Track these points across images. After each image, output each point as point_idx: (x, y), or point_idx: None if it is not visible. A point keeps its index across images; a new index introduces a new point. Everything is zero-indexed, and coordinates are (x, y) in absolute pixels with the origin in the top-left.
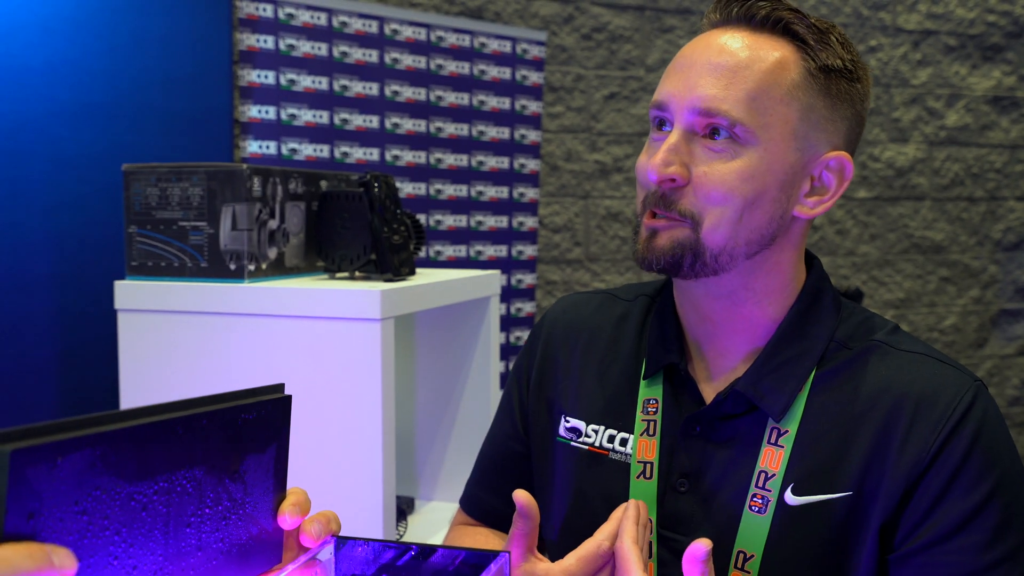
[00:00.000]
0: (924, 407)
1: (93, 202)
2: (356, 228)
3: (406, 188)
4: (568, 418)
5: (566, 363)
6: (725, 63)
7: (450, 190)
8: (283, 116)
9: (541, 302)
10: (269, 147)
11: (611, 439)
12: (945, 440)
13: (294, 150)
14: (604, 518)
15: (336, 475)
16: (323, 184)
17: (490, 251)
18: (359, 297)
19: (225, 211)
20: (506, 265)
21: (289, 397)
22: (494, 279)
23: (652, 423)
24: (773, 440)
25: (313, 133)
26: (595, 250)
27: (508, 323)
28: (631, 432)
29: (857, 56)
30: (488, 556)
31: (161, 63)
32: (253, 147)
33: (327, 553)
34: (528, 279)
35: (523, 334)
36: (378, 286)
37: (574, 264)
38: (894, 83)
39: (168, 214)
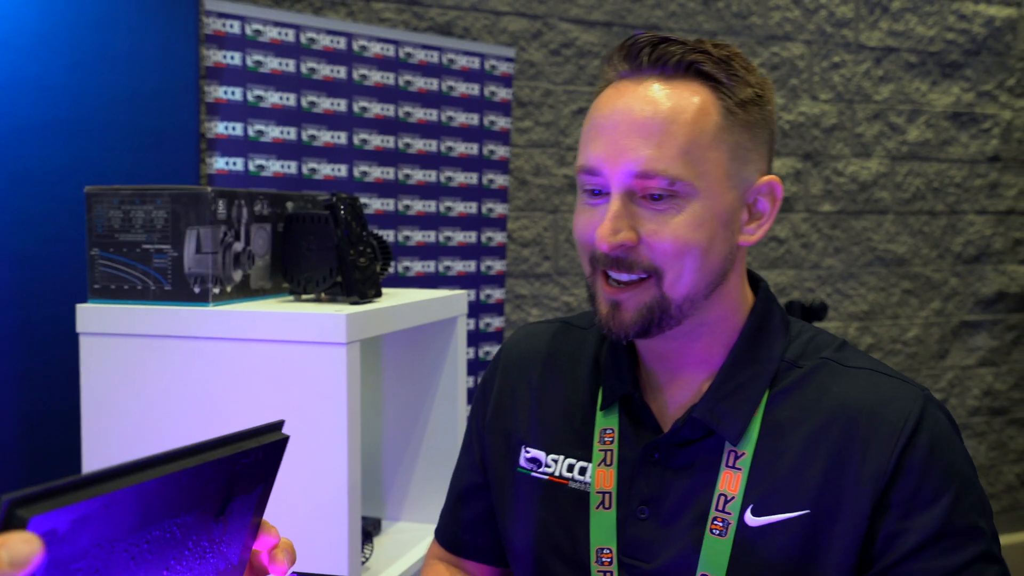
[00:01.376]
0: (877, 422)
1: (56, 220)
2: (322, 250)
3: (375, 204)
4: (528, 448)
5: (524, 394)
6: (651, 120)
7: (419, 206)
8: (250, 132)
9: (510, 316)
10: (236, 164)
11: (570, 468)
12: (903, 452)
13: (261, 166)
14: (566, 548)
15: (301, 499)
16: (289, 206)
17: (459, 266)
18: (325, 321)
19: (189, 234)
20: (475, 280)
21: (286, 438)
22: (460, 299)
23: (609, 453)
24: (731, 463)
25: (281, 149)
26: (564, 264)
27: (477, 338)
28: (590, 461)
29: (759, 75)
30: None
31: (126, 79)
32: (220, 163)
33: None
34: (497, 294)
35: (492, 349)
36: (344, 309)
37: (543, 278)
38: (857, 99)
39: (131, 237)
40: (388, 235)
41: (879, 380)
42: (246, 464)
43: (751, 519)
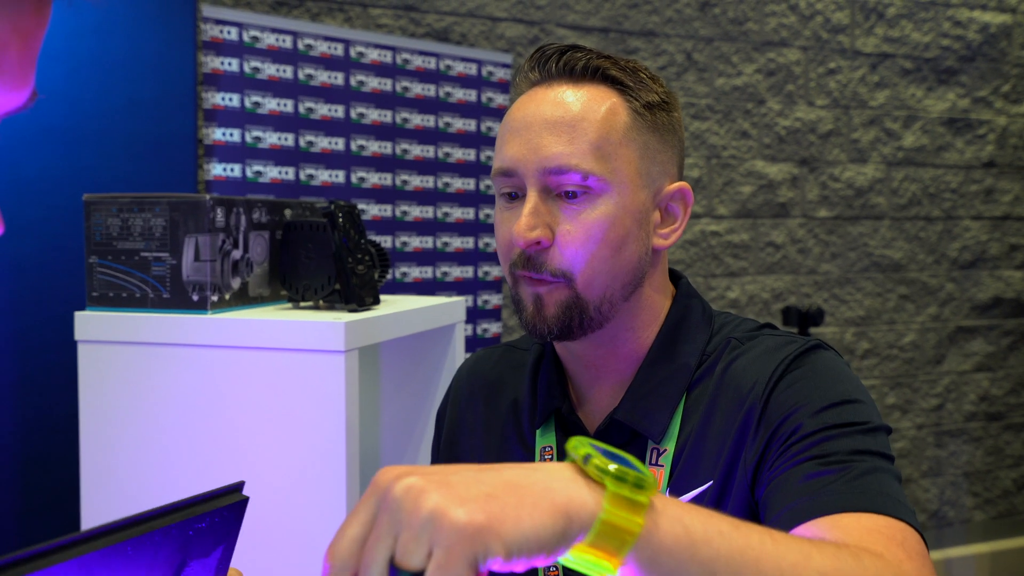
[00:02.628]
0: (765, 364)
1: (54, 227)
2: (320, 258)
3: (372, 210)
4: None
5: (472, 420)
6: (562, 119)
7: (416, 211)
8: (248, 139)
9: (507, 321)
10: (234, 170)
11: None
12: (783, 372)
13: (259, 173)
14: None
15: (300, 506)
16: (287, 213)
17: (456, 272)
18: (323, 329)
19: (188, 242)
20: (472, 286)
21: (246, 500)
22: (459, 306)
23: None
24: (654, 460)
25: (278, 156)
26: None
27: (475, 343)
28: None
29: (666, 87)
30: None
31: (124, 86)
32: (217, 170)
33: None
34: (495, 299)
35: None
36: (342, 317)
37: None
38: (853, 105)
39: (130, 245)
40: (386, 241)
41: (767, 341)
42: (200, 528)
43: None
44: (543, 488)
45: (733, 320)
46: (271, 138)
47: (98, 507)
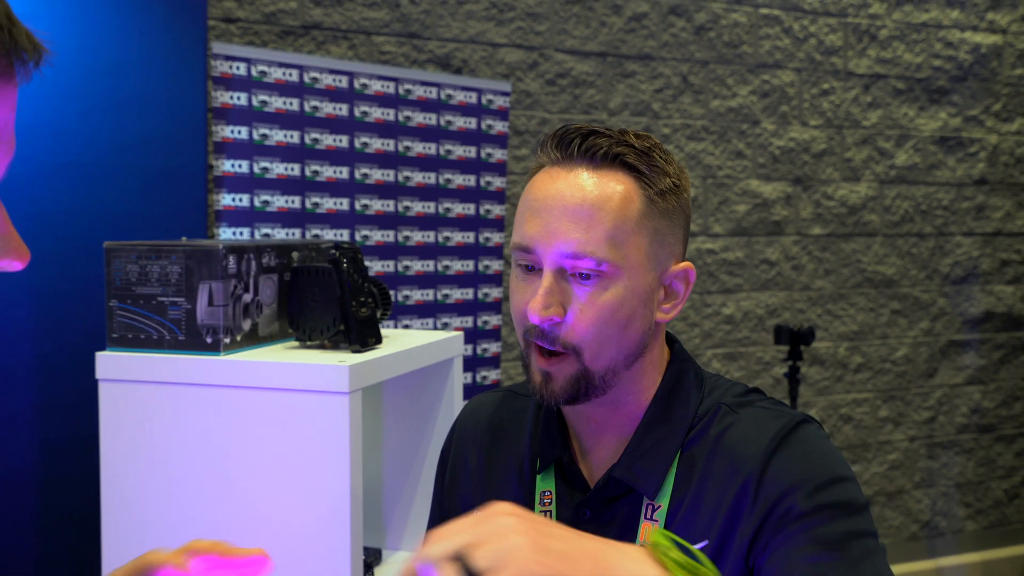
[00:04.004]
0: (755, 443)
1: (70, 258)
2: (326, 301)
3: (375, 236)
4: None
5: (474, 463)
6: (580, 206)
7: (418, 236)
8: (256, 169)
9: (507, 338)
10: (242, 200)
11: None
12: (775, 449)
13: (266, 202)
14: None
15: (306, 538)
16: (295, 256)
17: (457, 294)
18: (328, 372)
19: (202, 288)
20: (472, 307)
21: None
22: (457, 341)
23: (548, 513)
24: (649, 515)
25: (285, 185)
26: None
27: (475, 363)
28: None
29: (676, 164)
30: None
31: (137, 122)
32: (227, 200)
33: None
34: (494, 320)
35: (489, 373)
36: (347, 359)
37: None
38: (846, 124)
39: (148, 290)
40: (388, 265)
41: (764, 413)
42: None
43: None
44: (612, 563)
45: (722, 384)
46: (278, 168)
47: (118, 529)
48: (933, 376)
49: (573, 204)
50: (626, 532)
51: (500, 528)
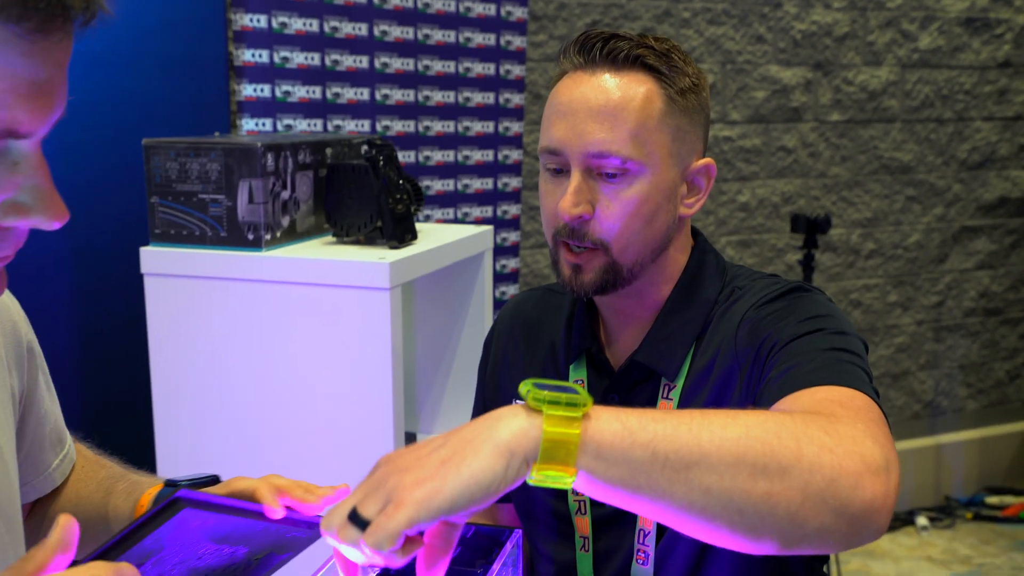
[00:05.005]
0: (750, 302)
1: (97, 148)
2: (362, 198)
3: (396, 126)
4: (517, 401)
5: (513, 355)
6: (604, 107)
7: (438, 126)
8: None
9: (525, 227)
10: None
11: None
12: (766, 303)
13: (288, 92)
14: (545, 491)
15: (350, 427)
16: (328, 152)
17: (476, 184)
18: (370, 269)
19: (242, 186)
20: (492, 198)
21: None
22: (487, 235)
23: None
24: (665, 394)
25: (306, 75)
26: None
27: (495, 252)
28: None
29: (695, 66)
30: (502, 532)
31: (160, 46)
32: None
33: None
34: (513, 209)
35: (508, 262)
36: (386, 256)
37: None
38: (870, 6)
39: (188, 187)
40: (409, 155)
41: (760, 284)
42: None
43: None
44: (487, 437)
45: (744, 272)
46: (298, 58)
47: (168, 413)
48: (944, 261)
49: (597, 106)
50: None
51: (378, 477)
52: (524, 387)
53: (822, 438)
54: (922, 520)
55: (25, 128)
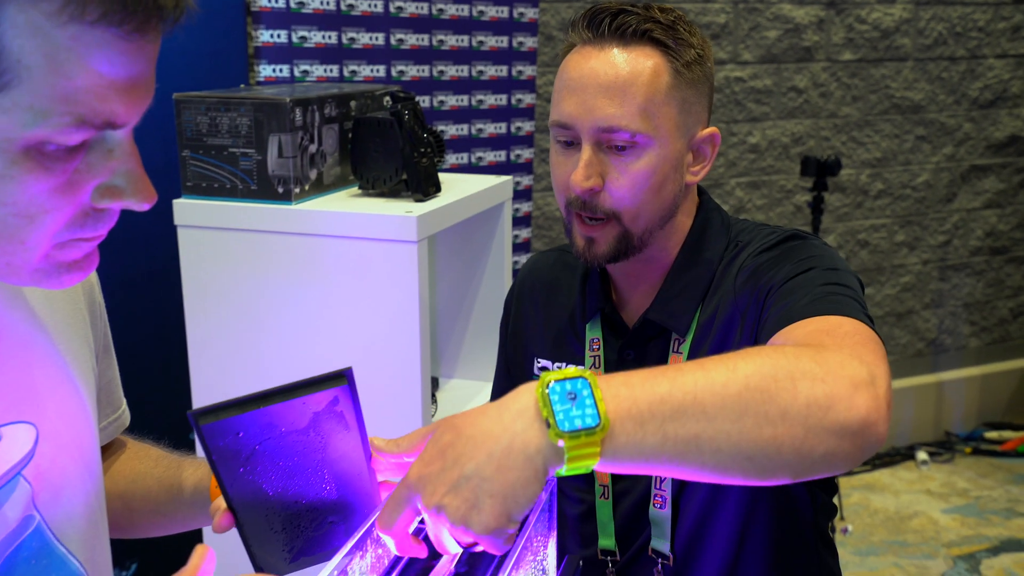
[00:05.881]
0: (749, 253)
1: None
2: (388, 152)
3: (410, 71)
4: (538, 359)
5: (532, 314)
6: (613, 82)
7: (452, 71)
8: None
9: (537, 170)
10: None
11: None
12: (767, 245)
13: (304, 38)
14: None
15: (380, 371)
16: (352, 105)
17: (490, 128)
18: (398, 222)
19: (272, 140)
20: (505, 142)
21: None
22: (507, 186)
23: (597, 358)
24: (675, 349)
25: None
26: None
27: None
28: (583, 366)
29: (700, 36)
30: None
31: None
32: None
33: None
34: (526, 154)
35: (521, 206)
36: (413, 209)
37: None
38: None
39: (218, 141)
40: (423, 100)
41: (760, 234)
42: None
43: None
44: (497, 415)
45: (748, 228)
46: (314, 3)
47: (203, 360)
48: (952, 201)
49: (607, 81)
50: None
51: (447, 467)
52: (544, 409)
53: (814, 370)
54: (922, 455)
55: (122, 119)
